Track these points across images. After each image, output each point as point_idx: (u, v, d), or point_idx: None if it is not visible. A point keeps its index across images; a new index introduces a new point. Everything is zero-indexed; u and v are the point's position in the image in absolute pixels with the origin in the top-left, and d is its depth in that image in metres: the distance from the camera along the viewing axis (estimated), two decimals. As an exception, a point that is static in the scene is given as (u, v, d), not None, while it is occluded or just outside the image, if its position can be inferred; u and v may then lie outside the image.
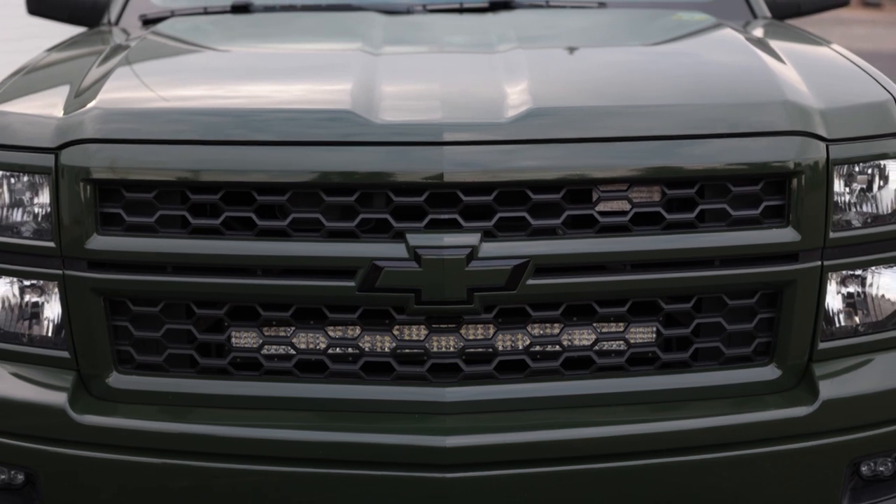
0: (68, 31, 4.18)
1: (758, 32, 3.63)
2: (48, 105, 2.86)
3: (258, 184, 2.64)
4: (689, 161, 2.68)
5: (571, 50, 3.46)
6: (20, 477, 2.84)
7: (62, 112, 2.79)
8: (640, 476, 2.68)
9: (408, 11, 3.92)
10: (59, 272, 2.72)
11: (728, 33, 3.44)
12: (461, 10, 3.95)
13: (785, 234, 2.71)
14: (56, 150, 2.71)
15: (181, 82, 3.08)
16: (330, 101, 2.78)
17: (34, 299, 2.81)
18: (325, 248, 2.64)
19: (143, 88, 2.95)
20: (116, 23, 4.06)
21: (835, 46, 3.39)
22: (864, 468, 2.87)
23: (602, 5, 4.06)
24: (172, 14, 4.00)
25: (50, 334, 2.80)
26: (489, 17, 3.79)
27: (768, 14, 4.14)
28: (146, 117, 2.76)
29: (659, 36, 3.75)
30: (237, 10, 3.99)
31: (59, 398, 2.73)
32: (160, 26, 3.68)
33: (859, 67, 3.12)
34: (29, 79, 3.18)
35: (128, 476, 2.70)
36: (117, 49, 3.30)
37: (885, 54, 22.49)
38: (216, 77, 3.15)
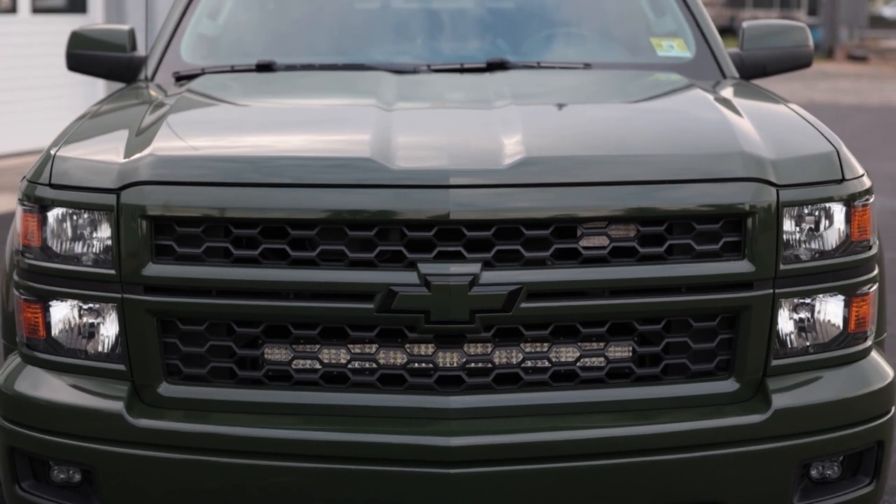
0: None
1: (723, 91, 4.02)
2: (109, 152, 3.26)
3: (291, 220, 3.05)
4: (659, 203, 3.09)
5: (560, 106, 3.88)
6: (77, 476, 3.24)
7: (122, 158, 3.22)
8: (617, 473, 3.06)
9: (414, 71, 4.29)
10: (119, 296, 3.12)
11: (697, 93, 3.85)
12: (462, 70, 4.31)
13: (741, 266, 3.12)
14: (118, 191, 3.12)
15: (222, 133, 3.50)
16: (352, 151, 3.21)
17: (93, 320, 3.20)
18: (347, 276, 3.04)
19: (189, 138, 3.37)
20: (152, 78, 4.44)
21: (790, 104, 3.80)
22: (813, 471, 3.25)
23: (587, 66, 4.41)
24: (203, 71, 4.36)
25: (107, 350, 3.19)
26: (487, 77, 4.15)
27: (736, 74, 4.53)
28: (194, 163, 3.19)
29: (637, 94, 4.16)
30: (262, 68, 4.35)
31: (116, 405, 3.13)
32: (196, 84, 4.08)
33: (809, 122, 3.53)
34: (88, 128, 3.58)
35: (174, 471, 3.09)
36: (161, 104, 3.71)
37: (869, 108, 22.95)
38: (251, 128, 3.57)
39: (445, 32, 4.71)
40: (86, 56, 4.79)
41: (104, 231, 3.15)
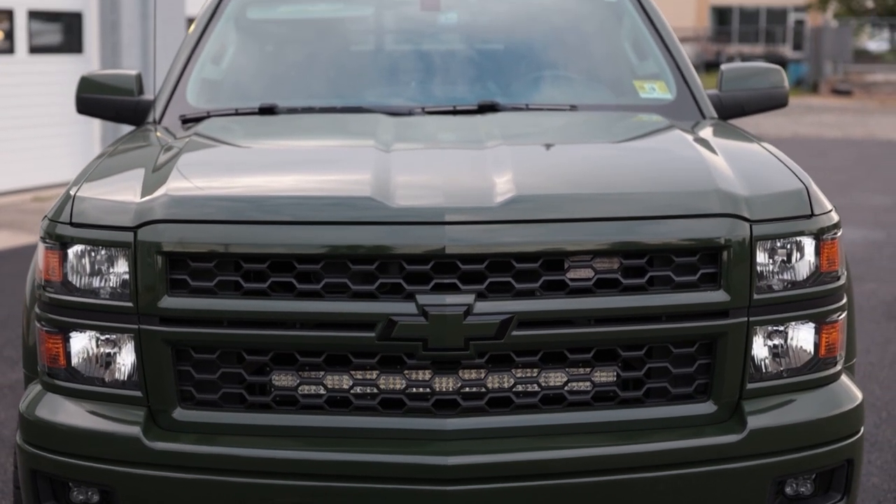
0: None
1: (701, 132, 4.22)
2: (125, 191, 3.47)
3: (297, 255, 3.26)
4: (641, 237, 3.30)
5: (548, 146, 4.10)
6: (95, 497, 3.43)
7: (139, 198, 3.43)
8: (603, 489, 3.27)
9: (409, 113, 4.48)
10: (136, 327, 3.33)
11: (676, 133, 4.07)
12: (454, 112, 4.52)
13: (717, 296, 3.33)
14: (135, 229, 3.33)
15: (231, 174, 3.72)
16: (354, 190, 3.42)
17: (111, 349, 3.40)
18: (350, 307, 3.26)
19: (201, 179, 3.58)
20: (160, 121, 4.64)
21: (763, 143, 4.00)
22: (787, 488, 3.45)
23: (574, 108, 4.61)
24: (209, 115, 4.56)
25: (124, 377, 3.40)
26: (478, 118, 4.34)
27: (715, 115, 4.73)
28: (206, 202, 3.40)
29: (620, 135, 4.37)
30: (264, 111, 4.55)
31: (134, 429, 3.33)
32: (203, 127, 4.28)
33: (780, 161, 3.74)
34: (104, 169, 3.79)
35: (189, 491, 3.29)
36: (172, 146, 3.92)
37: (853, 141, 23.22)
38: (258, 169, 3.78)
39: (438, 76, 4.91)
40: (94, 100, 4.97)
41: (122, 266, 3.36)
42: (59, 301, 3.43)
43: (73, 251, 3.41)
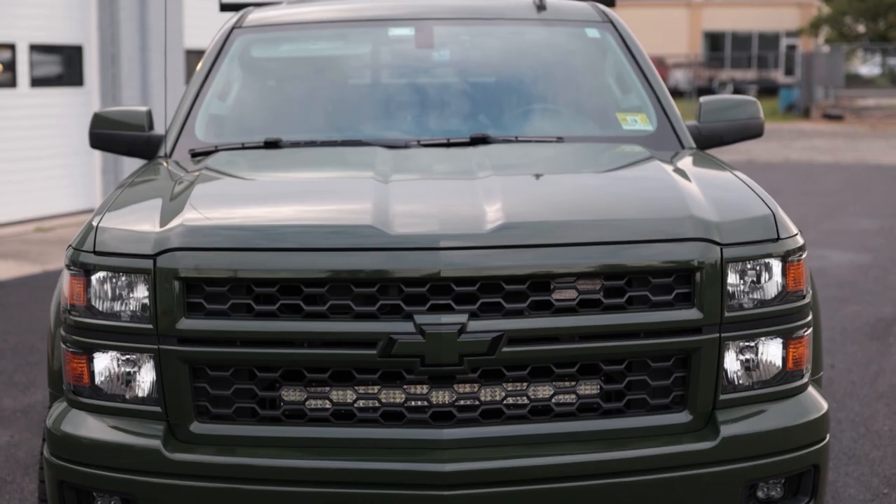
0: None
1: (679, 162, 4.50)
2: (144, 221, 3.75)
3: (303, 279, 3.53)
4: (620, 260, 3.58)
5: (536, 176, 4.37)
6: None
7: (157, 228, 3.71)
8: (587, 493, 3.53)
9: (406, 146, 4.76)
10: (155, 347, 3.60)
11: (655, 164, 4.34)
12: (448, 145, 4.80)
13: (691, 314, 3.61)
14: (154, 257, 3.61)
15: (241, 204, 3.99)
16: (355, 219, 3.68)
17: (132, 368, 3.67)
18: (353, 326, 3.53)
19: (214, 210, 3.85)
20: (170, 155, 4.91)
21: (735, 171, 4.28)
22: (759, 492, 3.72)
23: (560, 139, 4.88)
24: (216, 149, 4.82)
25: (144, 394, 3.67)
26: (470, 150, 4.60)
27: (693, 145, 5.00)
28: (219, 232, 3.67)
29: (603, 165, 4.65)
30: (269, 145, 4.82)
31: (154, 442, 3.59)
32: (213, 161, 4.55)
33: (750, 188, 4.01)
34: (123, 200, 4.06)
35: (205, 498, 3.56)
36: (185, 179, 4.20)
37: (842, 166, 23.48)
38: (267, 200, 4.05)
39: (432, 110, 5.17)
40: (107, 135, 5.22)
41: (141, 291, 3.63)
42: (83, 324, 3.70)
43: (96, 277, 3.68)
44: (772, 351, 3.76)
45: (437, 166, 4.54)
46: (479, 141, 4.81)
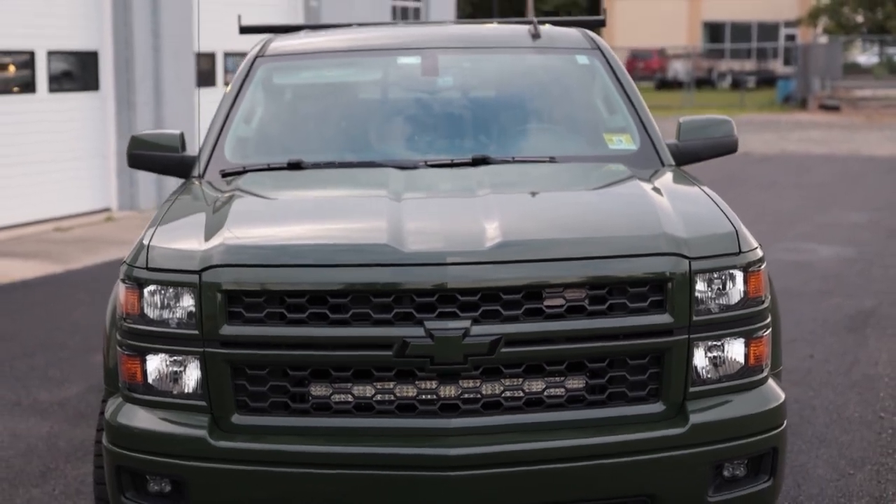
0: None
1: (657, 180, 4.97)
2: (189, 240, 4.27)
3: (329, 291, 4.06)
4: (602, 273, 4.10)
5: (532, 194, 4.90)
6: (168, 487, 4.24)
7: (201, 247, 4.23)
8: (575, 473, 4.06)
9: (414, 167, 5.27)
10: (201, 350, 4.12)
11: (633, 182, 4.84)
12: (452, 165, 5.30)
13: (663, 318, 4.12)
14: (199, 272, 4.14)
15: (273, 223, 4.52)
16: (374, 237, 4.19)
17: (180, 368, 4.20)
18: (372, 331, 4.05)
19: (249, 230, 4.37)
20: (203, 175, 5.41)
21: (704, 188, 4.79)
22: (725, 471, 4.23)
23: (552, 159, 5.38)
24: (245, 169, 5.33)
25: (191, 391, 4.20)
26: (472, 170, 5.12)
27: (672, 162, 5.50)
28: (256, 250, 4.19)
29: (589, 184, 5.17)
30: (292, 166, 5.34)
31: (201, 432, 4.12)
32: (244, 182, 5.06)
33: (717, 206, 4.52)
34: (168, 220, 4.58)
35: (245, 479, 4.09)
36: (221, 200, 4.72)
37: (837, 158, 23.81)
38: (294, 219, 4.58)
39: (437, 133, 5.69)
40: (144, 156, 5.69)
41: (188, 301, 4.17)
42: (137, 330, 4.24)
43: (148, 290, 4.22)
44: (735, 349, 4.27)
45: (443, 185, 5.05)
46: (480, 161, 5.30)
